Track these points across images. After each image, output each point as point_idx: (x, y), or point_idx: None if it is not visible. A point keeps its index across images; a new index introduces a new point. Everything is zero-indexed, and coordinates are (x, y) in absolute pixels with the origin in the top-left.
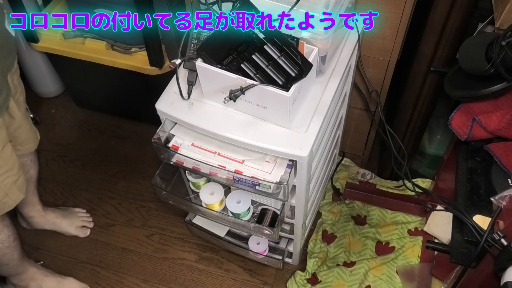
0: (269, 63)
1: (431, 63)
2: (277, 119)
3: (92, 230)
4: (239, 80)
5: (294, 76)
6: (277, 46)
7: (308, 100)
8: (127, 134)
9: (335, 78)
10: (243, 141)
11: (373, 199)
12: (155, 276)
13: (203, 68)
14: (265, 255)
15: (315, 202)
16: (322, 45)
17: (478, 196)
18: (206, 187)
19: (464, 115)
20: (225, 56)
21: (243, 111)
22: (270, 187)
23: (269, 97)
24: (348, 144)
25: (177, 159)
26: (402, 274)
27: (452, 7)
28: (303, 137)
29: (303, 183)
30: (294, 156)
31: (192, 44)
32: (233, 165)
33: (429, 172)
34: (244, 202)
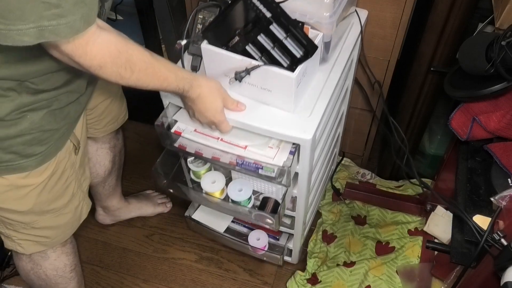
0: (275, 44)
1: (431, 63)
2: (281, 103)
3: (92, 230)
4: (244, 62)
5: (299, 57)
6: (283, 26)
7: (312, 87)
8: (127, 134)
9: (338, 66)
10: (246, 123)
11: (373, 199)
12: (155, 276)
13: (209, 50)
14: (265, 251)
15: (316, 199)
16: (327, 30)
17: (478, 196)
18: (208, 176)
19: (464, 115)
20: (231, 37)
21: (247, 96)
22: (273, 170)
23: (273, 79)
24: (348, 144)
25: (179, 144)
26: (402, 274)
27: (452, 7)
28: (307, 120)
29: (305, 170)
30: (297, 139)
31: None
32: (235, 150)
33: (429, 172)
34: (246, 190)
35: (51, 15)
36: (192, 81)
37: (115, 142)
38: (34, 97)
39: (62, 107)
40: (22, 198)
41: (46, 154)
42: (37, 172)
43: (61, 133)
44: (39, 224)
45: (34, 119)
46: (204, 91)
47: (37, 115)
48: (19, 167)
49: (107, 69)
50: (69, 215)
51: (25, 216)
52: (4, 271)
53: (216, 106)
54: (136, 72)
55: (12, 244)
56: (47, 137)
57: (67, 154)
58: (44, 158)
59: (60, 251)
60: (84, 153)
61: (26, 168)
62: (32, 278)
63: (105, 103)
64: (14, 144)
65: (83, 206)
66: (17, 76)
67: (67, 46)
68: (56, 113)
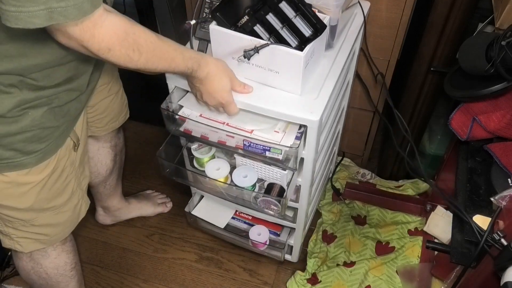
0: (284, 24)
1: (431, 63)
2: (289, 85)
3: (92, 230)
4: (254, 41)
5: (308, 36)
6: (293, 4)
7: (318, 70)
8: (127, 134)
9: (343, 52)
10: (253, 104)
11: (373, 199)
12: (155, 276)
13: (217, 31)
14: (266, 245)
15: (316, 195)
16: (333, 13)
17: (478, 196)
18: (212, 163)
19: (464, 115)
20: (239, 18)
21: (253, 78)
22: (281, 151)
23: (281, 59)
24: (348, 144)
25: (185, 128)
26: (402, 274)
27: (452, 7)
28: (314, 102)
29: (311, 155)
30: (305, 121)
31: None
32: (242, 134)
33: (429, 172)
34: (251, 176)
35: None
36: (200, 60)
37: (117, 141)
38: (35, 93)
39: (62, 104)
40: (23, 196)
41: (46, 151)
42: (37, 170)
43: (61, 130)
44: (38, 221)
45: (35, 116)
46: (212, 69)
47: (38, 112)
48: (20, 164)
49: (116, 52)
50: (68, 213)
51: (25, 214)
52: (4, 271)
53: (224, 85)
54: (144, 54)
55: (10, 243)
56: (47, 134)
57: (67, 152)
58: (44, 155)
59: (60, 249)
60: (84, 151)
61: (27, 165)
62: (33, 277)
63: (106, 101)
64: (14, 141)
65: (82, 204)
66: (19, 70)
67: (75, 30)
68: (56, 111)
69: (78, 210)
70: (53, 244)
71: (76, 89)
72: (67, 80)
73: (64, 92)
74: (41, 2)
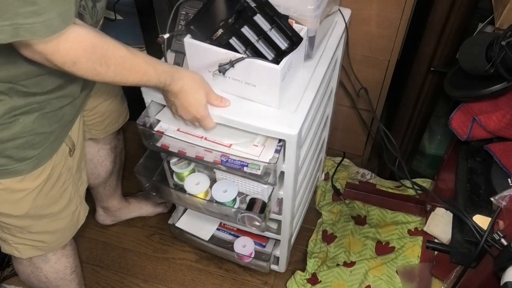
0: (259, 37)
1: (431, 63)
2: (266, 98)
3: (92, 230)
4: (229, 55)
5: (285, 49)
6: (268, 17)
7: (297, 82)
8: (127, 135)
9: (323, 63)
10: (230, 118)
11: (373, 199)
12: (155, 276)
13: (192, 44)
14: (251, 258)
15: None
16: (311, 24)
17: (478, 196)
18: (191, 178)
19: (464, 115)
20: (214, 30)
21: (230, 92)
22: (259, 167)
23: (258, 72)
24: (348, 144)
25: (162, 143)
26: (402, 274)
27: (452, 7)
28: (292, 115)
29: (291, 169)
30: (283, 135)
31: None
32: (220, 149)
33: (429, 172)
34: (231, 191)
35: (27, 13)
36: (174, 74)
37: (116, 143)
38: (25, 100)
39: (55, 110)
40: (18, 202)
41: (41, 158)
42: (32, 176)
43: (55, 136)
44: (35, 228)
45: (26, 122)
46: (187, 83)
47: (29, 118)
48: (14, 171)
49: (82, 65)
50: (66, 220)
51: (21, 221)
52: (4, 271)
53: (199, 100)
54: (113, 67)
55: (9, 248)
56: (41, 141)
57: (63, 158)
58: (38, 162)
59: (60, 253)
60: (81, 157)
61: (21, 172)
62: (32, 281)
63: (105, 104)
64: (7, 148)
65: (81, 211)
66: (8, 78)
67: (38, 44)
68: (49, 116)
69: (77, 217)
70: (52, 251)
71: (69, 95)
72: (59, 87)
73: (56, 98)
74: (7, 18)
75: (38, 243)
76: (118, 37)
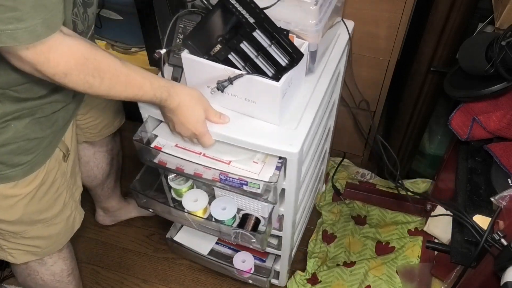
0: (259, 53)
1: (431, 63)
2: (266, 115)
3: (92, 230)
4: (227, 71)
5: (285, 65)
6: (267, 33)
7: (298, 98)
8: (125, 135)
9: (325, 77)
10: (229, 136)
11: (373, 199)
12: (155, 276)
13: (189, 60)
14: (251, 274)
15: (303, 218)
16: (313, 39)
17: (478, 196)
18: (189, 194)
19: (464, 115)
20: (212, 46)
21: (230, 108)
22: (259, 186)
23: (258, 89)
24: (348, 144)
25: (159, 160)
26: (402, 274)
27: (452, 7)
28: (293, 133)
29: (292, 186)
30: (284, 153)
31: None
32: (219, 166)
33: (429, 172)
34: (230, 208)
35: (8, 19)
36: (170, 89)
37: (113, 145)
38: (17, 105)
39: (47, 115)
40: (10, 208)
41: (34, 163)
42: (25, 182)
43: (48, 141)
44: (29, 233)
45: (18, 128)
46: (184, 99)
47: (20, 124)
48: (6, 177)
49: (73, 77)
50: (60, 225)
51: (14, 226)
52: (4, 271)
53: (198, 116)
54: (107, 80)
55: (3, 254)
56: (33, 146)
57: (57, 163)
58: (31, 167)
59: (56, 256)
60: (75, 162)
61: (13, 178)
62: (29, 284)
63: (99, 107)
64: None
65: (76, 215)
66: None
67: (27, 54)
68: (42, 121)
69: (72, 222)
70: (47, 255)
71: (61, 100)
72: (51, 92)
73: (48, 103)
74: None
75: (32, 248)
76: (118, 37)
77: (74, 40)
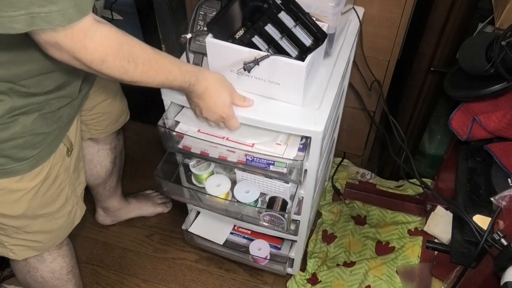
0: (283, 35)
1: (431, 63)
2: (290, 95)
3: (92, 230)
4: (253, 53)
5: (309, 45)
6: (292, 13)
7: (318, 80)
8: (127, 134)
9: (341, 60)
10: (255, 118)
11: (373, 199)
12: (155, 276)
13: (214, 44)
14: (267, 260)
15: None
16: (331, 21)
17: (478, 196)
18: (211, 180)
19: (464, 115)
20: (237, 29)
21: (253, 91)
22: (285, 165)
23: (282, 70)
24: (348, 144)
25: (184, 145)
26: (402, 274)
27: (452, 7)
28: (317, 113)
29: (314, 166)
30: (309, 132)
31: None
32: (243, 148)
33: (429, 172)
34: (253, 191)
35: (42, 2)
36: (198, 74)
37: (116, 143)
38: (25, 100)
39: (54, 110)
40: (15, 203)
41: (39, 158)
42: (30, 176)
43: (53, 136)
44: (31, 228)
45: (26, 123)
46: (211, 83)
47: (28, 119)
48: (12, 171)
49: (110, 63)
50: (62, 220)
51: (17, 221)
52: (4, 271)
53: (224, 99)
54: (141, 66)
55: (3, 250)
56: (40, 141)
57: (61, 158)
58: (37, 162)
59: (56, 253)
60: (79, 157)
61: (19, 172)
62: (29, 281)
63: (105, 103)
64: (6, 148)
65: (77, 210)
66: (9, 77)
67: (65, 41)
68: (48, 117)
69: (73, 217)
70: (47, 250)
71: (68, 95)
72: (58, 87)
73: (55, 99)
74: (22, 7)
75: (33, 243)
76: None
77: (108, 27)
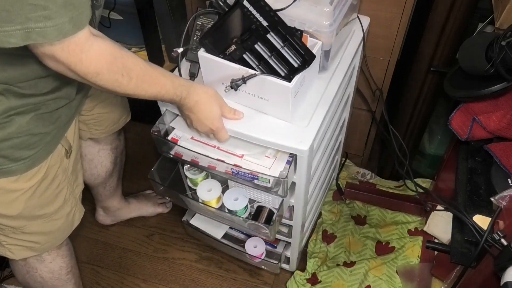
0: (272, 53)
1: (431, 63)
2: (278, 112)
3: (92, 230)
4: (241, 71)
5: (297, 67)
6: (280, 35)
7: (310, 95)
8: (127, 135)
9: (338, 74)
10: (242, 132)
11: (373, 199)
12: (155, 276)
13: (205, 58)
14: (262, 259)
15: (315, 205)
16: (326, 39)
17: (478, 196)
18: (204, 184)
19: (464, 115)
20: (228, 45)
21: (243, 104)
22: (269, 181)
23: (270, 88)
24: (348, 144)
25: (176, 152)
26: (402, 274)
27: (452, 7)
28: (304, 130)
29: (302, 180)
30: (294, 150)
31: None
32: (232, 159)
33: (429, 172)
34: (242, 199)
35: (38, 17)
36: (189, 88)
37: (117, 143)
38: (21, 101)
39: (50, 111)
40: (12, 203)
41: (36, 158)
42: (26, 177)
43: (51, 136)
44: (29, 229)
45: (21, 123)
46: (202, 98)
47: (24, 119)
48: (8, 171)
49: (104, 76)
50: (60, 221)
51: (14, 221)
52: (4, 271)
53: (214, 113)
54: (134, 79)
55: (1, 249)
56: (36, 141)
57: (59, 159)
58: (33, 162)
59: (55, 253)
60: (77, 159)
61: (15, 172)
62: (28, 281)
63: (105, 104)
64: (2, 147)
65: (76, 212)
66: (4, 79)
67: (61, 54)
68: (45, 117)
69: (72, 218)
70: (45, 251)
71: (65, 97)
72: (55, 89)
73: (52, 100)
74: (18, 22)
75: (31, 244)
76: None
77: (103, 41)
